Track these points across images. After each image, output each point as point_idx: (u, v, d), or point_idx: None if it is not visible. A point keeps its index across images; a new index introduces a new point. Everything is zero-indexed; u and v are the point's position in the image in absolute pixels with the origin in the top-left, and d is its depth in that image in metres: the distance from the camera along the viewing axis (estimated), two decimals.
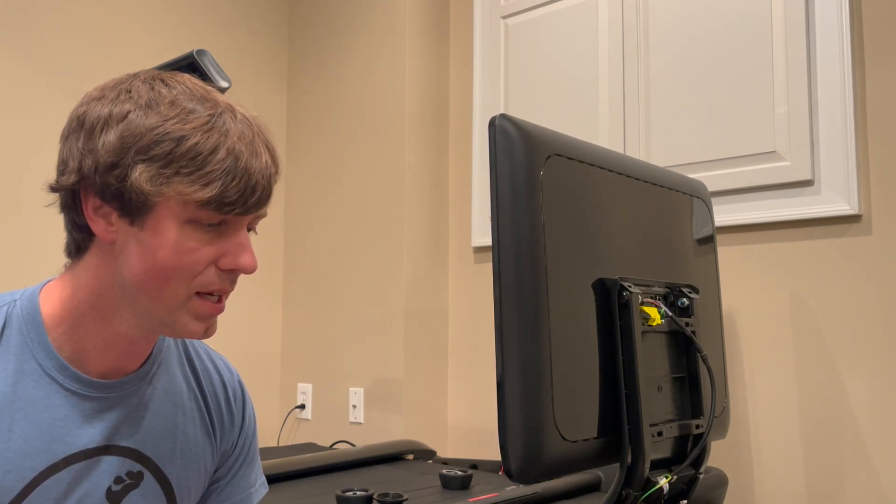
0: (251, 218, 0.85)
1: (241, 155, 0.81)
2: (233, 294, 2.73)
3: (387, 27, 2.61)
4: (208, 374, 1.01)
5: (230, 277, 0.84)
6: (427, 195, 2.54)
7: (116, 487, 0.88)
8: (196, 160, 0.79)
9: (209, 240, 0.82)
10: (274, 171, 0.85)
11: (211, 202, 0.79)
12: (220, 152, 0.80)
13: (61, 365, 0.85)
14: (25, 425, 0.82)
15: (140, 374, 0.91)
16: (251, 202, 0.81)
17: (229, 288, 0.85)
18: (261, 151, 0.83)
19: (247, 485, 1.04)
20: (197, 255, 0.81)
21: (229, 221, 0.82)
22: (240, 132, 0.82)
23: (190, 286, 0.82)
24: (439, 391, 2.51)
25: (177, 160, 0.79)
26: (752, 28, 1.92)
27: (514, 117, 1.00)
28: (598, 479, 1.72)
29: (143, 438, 0.90)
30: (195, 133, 0.80)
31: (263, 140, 0.85)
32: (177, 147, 0.79)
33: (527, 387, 0.94)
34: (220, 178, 0.79)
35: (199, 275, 0.82)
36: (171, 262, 0.80)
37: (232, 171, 0.80)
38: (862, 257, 1.75)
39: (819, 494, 1.77)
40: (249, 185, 0.81)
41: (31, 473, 0.82)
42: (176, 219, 0.80)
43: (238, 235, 0.84)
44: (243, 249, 0.83)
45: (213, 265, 0.82)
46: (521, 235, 0.96)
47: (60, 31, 2.39)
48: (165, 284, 0.81)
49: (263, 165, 0.83)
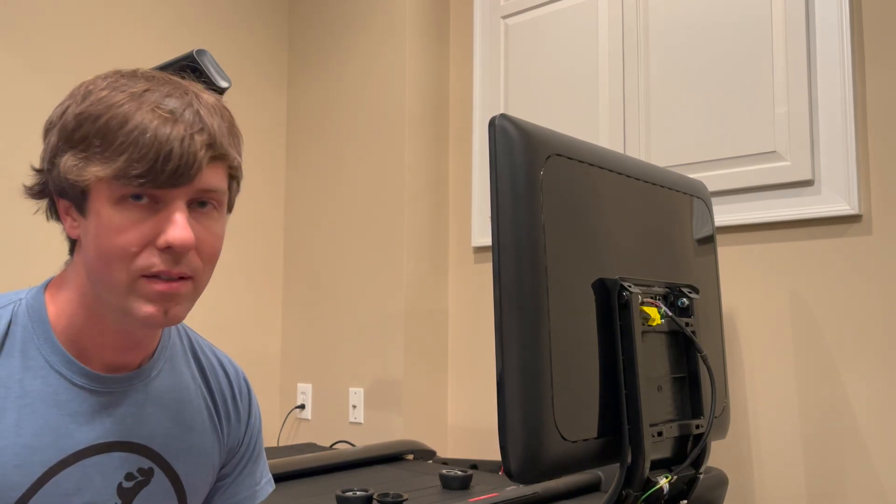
0: (187, 192, 0.80)
1: (151, 125, 0.77)
2: (233, 294, 2.74)
3: (387, 27, 2.61)
4: (214, 371, 1.01)
5: (170, 256, 0.79)
6: (427, 195, 2.54)
7: (128, 484, 0.88)
8: (107, 137, 0.78)
9: (141, 219, 0.79)
10: (201, 141, 0.79)
11: (119, 176, 0.77)
12: (128, 125, 0.77)
13: (67, 360, 0.85)
14: (34, 420, 0.82)
15: (146, 370, 0.91)
16: (166, 173, 0.77)
17: (173, 268, 0.80)
18: (182, 121, 0.79)
19: (252, 482, 1.04)
20: (129, 236, 0.78)
21: (160, 198, 0.79)
22: (158, 103, 0.79)
23: (130, 269, 0.79)
24: (439, 391, 2.51)
25: (91, 141, 0.78)
26: (752, 28, 1.92)
27: (514, 117, 1.00)
28: (598, 479, 1.72)
29: (152, 434, 0.90)
30: (109, 110, 0.78)
31: (195, 111, 0.81)
32: (91, 128, 0.79)
33: (527, 387, 0.94)
34: (126, 150, 0.77)
35: (136, 256, 0.79)
36: (106, 246, 0.79)
37: (139, 141, 0.77)
38: (862, 257, 1.75)
39: (819, 494, 1.77)
40: (161, 155, 0.77)
41: (40, 469, 0.82)
42: (105, 201, 0.79)
43: (169, 210, 0.79)
44: (173, 224, 0.79)
45: (152, 245, 0.79)
46: (521, 235, 0.96)
47: (60, 31, 2.39)
48: (108, 269, 0.79)
49: (180, 134, 0.78)
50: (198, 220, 0.82)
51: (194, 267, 0.82)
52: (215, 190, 0.82)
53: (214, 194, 0.83)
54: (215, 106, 0.84)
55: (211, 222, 0.83)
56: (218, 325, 2.69)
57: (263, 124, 2.88)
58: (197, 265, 0.82)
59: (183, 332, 1.00)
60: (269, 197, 2.88)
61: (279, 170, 2.92)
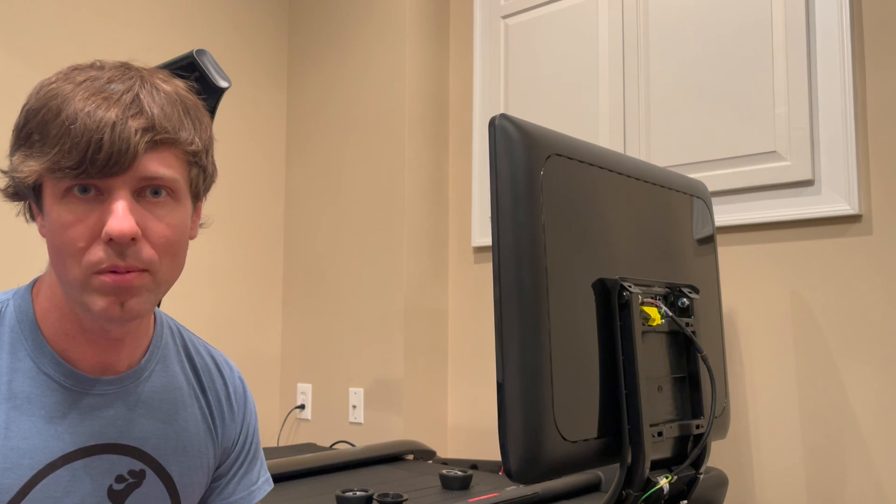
0: (128, 181, 0.77)
1: (81, 113, 0.75)
2: (233, 294, 2.74)
3: (387, 27, 2.61)
4: (208, 370, 1.00)
5: (117, 250, 0.76)
6: (427, 195, 2.54)
7: (118, 486, 0.87)
8: (44, 131, 0.76)
9: (86, 212, 0.76)
10: (137, 125, 0.76)
11: (52, 169, 0.75)
12: (60, 116, 0.75)
13: (56, 362, 0.84)
14: (22, 423, 0.81)
15: (137, 371, 0.90)
16: (98, 162, 0.74)
17: (120, 262, 0.76)
18: (117, 106, 0.76)
19: (249, 482, 1.03)
20: (75, 230, 0.76)
21: (104, 188, 0.76)
22: (95, 89, 0.77)
23: (81, 265, 0.77)
24: (439, 391, 2.51)
25: (32, 137, 0.77)
26: (752, 28, 1.92)
27: (514, 117, 1.00)
28: (598, 479, 1.72)
29: (144, 436, 0.89)
30: (48, 103, 0.77)
31: (136, 95, 0.77)
32: (33, 123, 0.77)
33: (527, 387, 0.94)
34: (58, 142, 0.75)
35: (84, 251, 0.76)
36: (56, 242, 0.77)
37: (70, 132, 0.74)
38: (862, 257, 1.75)
39: (819, 494, 1.77)
40: (91, 143, 0.74)
41: (29, 472, 0.81)
42: (52, 196, 0.77)
43: (110, 200, 0.76)
44: (112, 215, 0.75)
45: (99, 238, 0.76)
46: (521, 235, 0.96)
47: (59, 31, 2.39)
48: (63, 267, 0.78)
49: (112, 120, 0.75)
50: (148, 209, 0.78)
51: (146, 259, 0.78)
52: (161, 177, 0.78)
53: (163, 181, 0.78)
54: (166, 91, 0.80)
55: (163, 212, 0.79)
56: (218, 325, 2.69)
57: (263, 124, 2.88)
58: (149, 257, 0.78)
59: (176, 331, 0.99)
60: (269, 197, 2.88)
61: (279, 170, 2.92)
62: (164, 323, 0.97)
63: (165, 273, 0.81)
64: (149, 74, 0.81)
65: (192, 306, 2.62)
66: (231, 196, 2.76)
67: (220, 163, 3.12)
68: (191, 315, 2.60)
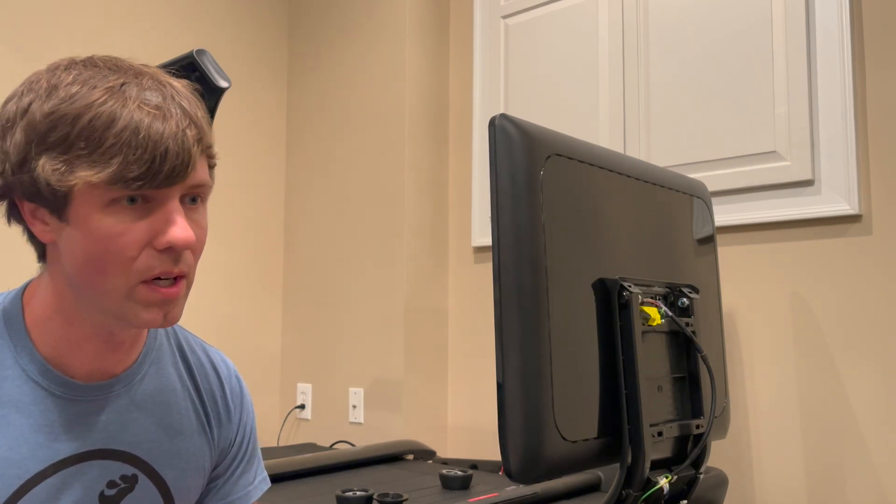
0: (180, 189, 0.77)
1: (142, 123, 0.74)
2: (233, 294, 2.74)
3: (387, 27, 2.61)
4: (204, 370, 0.98)
5: (170, 257, 0.77)
6: (427, 195, 2.54)
7: (110, 492, 0.86)
8: (92, 139, 0.73)
9: (136, 220, 0.75)
10: (193, 135, 0.77)
11: (115, 180, 0.73)
12: (117, 125, 0.73)
13: (45, 369, 0.82)
14: (10, 432, 0.80)
15: (129, 375, 0.88)
16: (164, 173, 0.74)
17: (173, 269, 0.77)
18: (171, 116, 0.76)
19: (245, 482, 1.02)
20: (125, 240, 0.75)
21: (153, 197, 0.76)
22: (142, 99, 0.75)
23: (129, 274, 0.76)
24: (439, 391, 2.51)
25: (74, 143, 0.74)
26: (752, 28, 1.92)
27: (514, 117, 1.00)
28: (598, 479, 1.72)
29: (136, 441, 0.88)
30: (89, 109, 0.74)
31: (178, 104, 0.77)
32: (72, 129, 0.74)
33: (527, 387, 0.94)
34: (120, 152, 0.73)
35: (134, 260, 0.75)
36: (99, 252, 0.75)
37: (132, 142, 0.73)
38: (862, 257, 1.75)
39: (819, 494, 1.77)
40: (157, 154, 0.73)
41: (17, 481, 0.80)
42: (94, 205, 0.75)
43: (166, 210, 0.76)
44: (171, 223, 0.76)
45: (150, 247, 0.76)
46: (521, 235, 0.96)
47: (59, 30, 2.39)
48: (103, 277, 0.76)
49: (173, 131, 0.75)
50: (189, 216, 0.80)
51: (189, 264, 0.80)
52: (204, 184, 0.80)
53: (204, 188, 0.80)
54: (191, 95, 0.81)
55: (199, 217, 0.81)
56: (218, 325, 2.69)
57: (263, 124, 2.88)
58: (191, 263, 0.80)
59: (171, 330, 0.97)
60: (269, 197, 2.88)
61: (279, 170, 2.92)
62: None
63: (194, 277, 0.83)
64: (167, 79, 0.81)
65: (193, 306, 2.62)
66: (231, 196, 2.76)
67: (221, 163, 3.12)
68: (191, 315, 2.60)
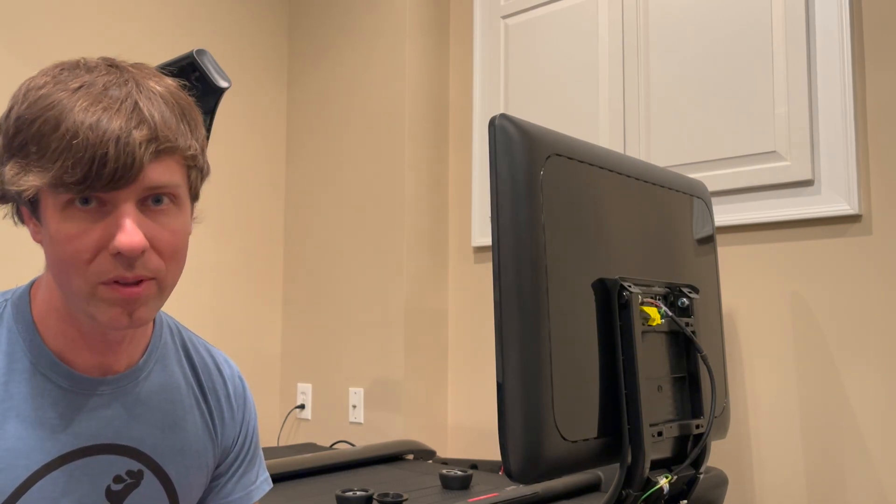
0: (133, 192, 0.75)
1: (82, 127, 0.73)
2: (233, 294, 2.74)
3: (387, 27, 2.61)
4: (208, 370, 0.99)
5: (124, 262, 0.75)
6: (427, 195, 2.54)
7: (117, 487, 0.87)
8: (42, 143, 0.74)
9: (89, 224, 0.75)
10: (141, 136, 0.74)
11: (56, 184, 0.73)
12: (60, 129, 0.73)
13: (53, 362, 0.84)
14: (18, 423, 0.81)
15: (135, 372, 0.90)
16: (105, 176, 0.72)
17: (128, 274, 0.76)
18: (119, 117, 0.74)
19: (248, 482, 1.03)
20: (79, 242, 0.75)
21: (107, 200, 0.75)
22: (93, 98, 0.74)
23: (87, 276, 0.76)
24: (439, 391, 2.51)
25: (28, 147, 0.74)
26: (752, 28, 1.92)
27: (514, 117, 1.00)
28: (598, 479, 1.72)
29: (142, 436, 0.89)
30: (43, 113, 0.74)
31: (135, 104, 0.75)
32: (28, 133, 0.75)
33: (527, 387, 0.94)
34: (61, 157, 0.72)
35: (90, 262, 0.75)
36: (59, 254, 0.76)
37: (71, 146, 0.72)
38: (862, 257, 1.75)
39: (819, 494, 1.77)
40: (96, 156, 0.72)
41: (25, 472, 0.81)
42: (55, 208, 0.75)
43: (117, 214, 0.75)
44: (118, 229, 0.75)
45: (105, 250, 0.75)
46: (521, 235, 0.96)
47: (58, 30, 2.39)
48: (66, 277, 0.77)
49: (115, 133, 0.73)
50: (153, 218, 0.78)
51: (153, 268, 0.78)
52: (166, 185, 0.77)
53: (166, 189, 0.78)
54: (162, 94, 0.79)
55: (168, 219, 0.79)
56: (218, 325, 2.69)
57: (263, 124, 2.88)
58: (157, 266, 0.78)
59: (176, 330, 0.98)
60: (269, 197, 2.88)
61: (279, 170, 2.92)
62: (164, 322, 0.96)
63: (170, 280, 0.81)
64: (141, 76, 0.79)
65: (193, 306, 2.62)
66: (231, 196, 2.76)
67: (221, 163, 3.12)
68: (191, 315, 2.60)
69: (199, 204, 0.89)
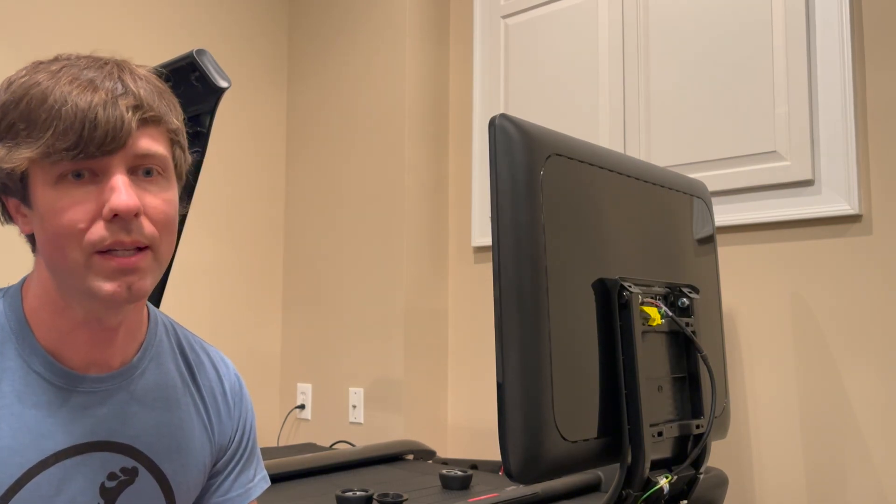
0: (123, 159, 0.78)
1: (70, 95, 0.76)
2: (233, 293, 2.74)
3: (387, 27, 2.61)
4: (203, 368, 0.99)
5: (120, 226, 0.77)
6: (427, 195, 2.54)
7: (110, 483, 0.87)
8: (30, 119, 0.77)
9: (83, 194, 0.77)
10: (127, 103, 0.78)
11: (49, 153, 0.76)
12: (48, 101, 0.76)
13: (46, 360, 0.84)
14: (12, 422, 0.81)
15: (129, 369, 0.89)
16: (96, 140, 0.76)
17: (125, 238, 0.78)
18: (102, 88, 0.78)
19: (245, 480, 1.03)
20: (74, 212, 0.77)
21: (98, 170, 0.78)
22: (74, 75, 0.78)
23: (83, 247, 0.77)
24: (439, 391, 2.51)
25: (16, 126, 0.77)
26: (752, 28, 1.92)
27: (514, 117, 1.00)
28: (598, 479, 1.72)
29: (136, 434, 0.89)
30: (28, 91, 0.78)
31: (118, 78, 0.79)
32: (14, 113, 0.78)
33: (527, 387, 0.94)
34: (51, 125, 0.76)
35: (85, 231, 0.77)
36: (54, 229, 0.77)
37: (61, 113, 0.75)
38: (862, 257, 1.75)
39: (819, 494, 1.77)
40: (87, 121, 0.75)
41: (18, 470, 0.81)
42: (45, 184, 0.78)
43: (109, 180, 0.78)
44: (114, 191, 0.77)
45: (100, 218, 0.77)
46: (521, 235, 0.96)
47: (58, 31, 2.39)
48: (61, 252, 0.78)
49: (103, 99, 0.77)
50: (143, 187, 0.80)
51: (148, 234, 0.79)
52: (154, 154, 0.80)
53: (155, 159, 0.81)
54: (143, 76, 0.82)
55: (158, 189, 0.81)
56: (218, 325, 2.69)
57: (263, 124, 2.88)
58: (151, 232, 0.80)
59: (171, 328, 0.98)
60: (269, 197, 2.88)
61: (279, 170, 2.92)
62: (158, 320, 0.96)
63: (164, 250, 0.82)
64: (121, 62, 0.83)
65: (193, 306, 2.62)
66: (231, 196, 2.76)
67: (221, 162, 3.12)
68: (191, 315, 2.60)
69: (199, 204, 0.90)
